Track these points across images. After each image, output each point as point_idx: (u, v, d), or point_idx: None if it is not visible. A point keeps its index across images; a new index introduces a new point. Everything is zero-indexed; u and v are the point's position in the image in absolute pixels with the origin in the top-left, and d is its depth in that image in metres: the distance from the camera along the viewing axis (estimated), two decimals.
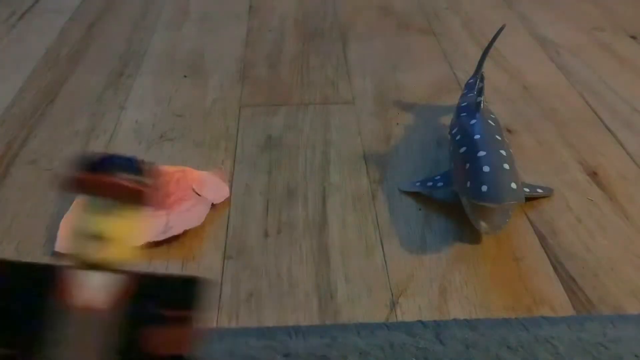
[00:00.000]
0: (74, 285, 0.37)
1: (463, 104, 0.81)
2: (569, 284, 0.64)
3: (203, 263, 0.66)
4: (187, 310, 0.39)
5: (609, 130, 0.88)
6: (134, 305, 0.38)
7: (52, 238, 0.69)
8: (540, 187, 0.76)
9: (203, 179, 0.77)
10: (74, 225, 0.38)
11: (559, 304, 0.61)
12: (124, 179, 0.37)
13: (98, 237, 0.37)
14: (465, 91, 0.86)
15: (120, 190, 0.37)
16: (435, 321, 0.59)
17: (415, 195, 0.76)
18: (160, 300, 0.39)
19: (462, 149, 0.72)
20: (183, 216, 0.71)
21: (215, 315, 0.60)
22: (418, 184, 0.76)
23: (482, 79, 0.80)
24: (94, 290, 0.37)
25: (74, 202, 0.73)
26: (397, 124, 0.90)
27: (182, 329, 0.38)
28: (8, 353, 0.36)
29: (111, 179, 0.37)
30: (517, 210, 0.72)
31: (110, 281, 0.38)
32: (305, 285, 0.64)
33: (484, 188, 0.66)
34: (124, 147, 0.85)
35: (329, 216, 0.73)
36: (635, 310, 0.60)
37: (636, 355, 0.56)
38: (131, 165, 0.38)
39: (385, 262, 0.66)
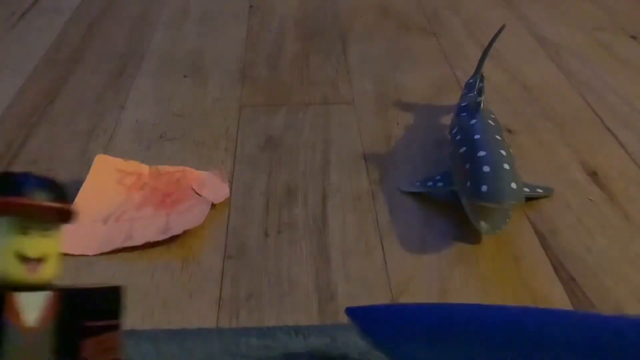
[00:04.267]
0: (18, 307, 0.38)
1: (463, 104, 0.81)
2: (569, 284, 0.64)
3: (203, 263, 0.66)
4: (112, 319, 0.42)
5: (609, 130, 0.88)
6: (64, 321, 0.40)
7: None
8: (540, 187, 0.76)
9: (203, 179, 0.77)
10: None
11: (559, 304, 0.61)
12: (43, 198, 0.39)
13: (28, 258, 0.39)
14: (465, 91, 0.86)
15: (43, 210, 0.39)
16: None
17: (415, 195, 0.76)
18: (87, 313, 0.41)
19: (462, 149, 0.72)
20: (183, 216, 0.71)
21: (215, 315, 0.60)
22: (418, 184, 0.76)
23: (482, 79, 0.80)
24: (31, 311, 0.39)
25: (74, 201, 0.73)
26: (397, 124, 0.90)
27: (111, 337, 0.42)
28: None
29: (32, 201, 0.38)
30: (517, 210, 0.71)
31: (41, 299, 0.39)
32: (305, 285, 0.64)
33: (484, 188, 0.66)
34: (124, 147, 0.85)
35: (329, 216, 0.73)
36: (635, 310, 0.60)
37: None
38: (45, 184, 0.40)
39: (385, 262, 0.66)
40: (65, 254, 0.67)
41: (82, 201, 0.73)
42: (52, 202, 0.39)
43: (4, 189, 0.39)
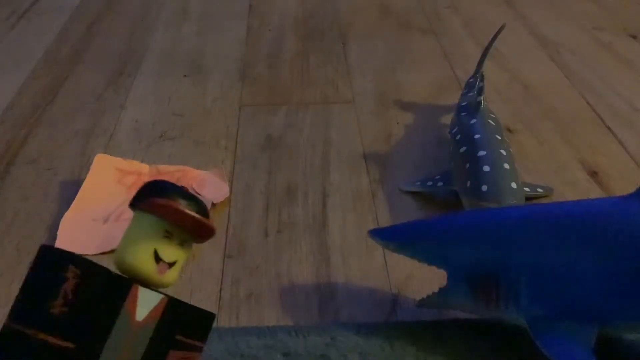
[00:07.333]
0: (137, 300, 0.42)
1: (463, 104, 0.81)
2: None
3: (203, 263, 0.66)
4: (199, 341, 0.45)
5: (609, 129, 0.88)
6: (163, 326, 0.43)
7: (52, 238, 0.69)
8: (541, 187, 0.76)
9: (203, 178, 0.77)
10: (143, 242, 0.42)
11: None
12: (195, 212, 0.42)
13: (161, 260, 0.42)
14: (466, 90, 0.86)
15: (193, 222, 0.42)
16: (435, 321, 0.59)
17: (415, 195, 0.76)
18: (181, 327, 0.44)
19: (462, 149, 0.72)
20: None
21: (215, 315, 0.60)
22: (418, 183, 0.76)
23: (482, 79, 0.80)
24: (143, 307, 0.42)
25: (74, 201, 0.73)
26: (397, 123, 0.90)
27: (193, 356, 0.44)
28: (70, 347, 0.39)
29: (196, 216, 0.42)
30: None
31: (154, 300, 0.42)
32: (305, 285, 0.64)
33: (484, 188, 0.66)
34: (124, 146, 0.85)
35: (329, 216, 0.73)
36: None
37: (637, 355, 0.56)
38: (198, 201, 0.43)
39: (385, 262, 0.66)
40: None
41: (82, 200, 0.73)
42: (202, 218, 0.42)
43: (161, 192, 0.42)
